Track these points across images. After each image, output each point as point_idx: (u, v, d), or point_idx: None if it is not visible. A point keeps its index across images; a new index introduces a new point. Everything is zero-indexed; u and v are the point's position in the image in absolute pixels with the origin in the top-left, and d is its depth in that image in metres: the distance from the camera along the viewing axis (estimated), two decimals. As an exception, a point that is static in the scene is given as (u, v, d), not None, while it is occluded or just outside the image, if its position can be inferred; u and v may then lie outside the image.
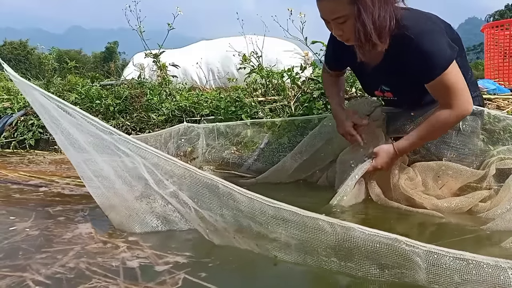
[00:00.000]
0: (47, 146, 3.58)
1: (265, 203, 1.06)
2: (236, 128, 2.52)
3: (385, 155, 1.67)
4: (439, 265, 0.86)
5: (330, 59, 1.97)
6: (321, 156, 2.06)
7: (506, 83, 3.65)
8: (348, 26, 1.52)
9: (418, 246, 0.89)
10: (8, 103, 4.03)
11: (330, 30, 1.65)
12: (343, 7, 1.48)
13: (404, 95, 1.78)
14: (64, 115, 1.25)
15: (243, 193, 1.08)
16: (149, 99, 3.33)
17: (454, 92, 1.55)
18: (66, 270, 1.06)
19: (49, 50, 5.27)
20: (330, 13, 1.53)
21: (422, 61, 1.53)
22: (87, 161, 1.29)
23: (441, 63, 1.52)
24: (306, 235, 1.02)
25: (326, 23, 1.60)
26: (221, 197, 1.12)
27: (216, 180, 1.13)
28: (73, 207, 1.70)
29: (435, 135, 1.69)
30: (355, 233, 0.95)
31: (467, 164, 1.73)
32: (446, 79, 1.53)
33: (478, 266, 0.83)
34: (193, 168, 1.16)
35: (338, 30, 1.56)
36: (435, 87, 1.57)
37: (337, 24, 1.54)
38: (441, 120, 1.59)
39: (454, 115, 1.59)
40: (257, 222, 1.07)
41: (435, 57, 1.52)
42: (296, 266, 1.05)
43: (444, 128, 1.64)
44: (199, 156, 2.48)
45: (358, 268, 0.96)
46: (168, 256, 1.14)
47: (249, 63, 3.20)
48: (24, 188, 2.10)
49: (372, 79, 1.84)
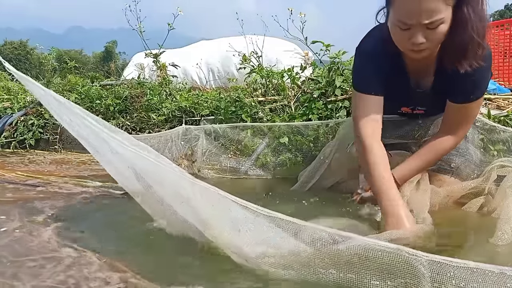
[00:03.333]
0: (47, 146, 3.58)
1: (260, 213, 1.01)
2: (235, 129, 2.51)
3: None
4: (443, 274, 0.84)
5: (373, 78, 1.51)
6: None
7: (506, 83, 3.65)
8: (437, 34, 1.27)
9: (420, 255, 0.86)
10: (8, 103, 4.03)
11: (402, 37, 1.33)
12: (444, 8, 1.24)
13: (434, 110, 1.67)
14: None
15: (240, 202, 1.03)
16: (149, 99, 3.33)
17: (468, 121, 1.53)
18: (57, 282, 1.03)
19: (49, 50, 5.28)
20: (428, 15, 1.23)
21: (473, 84, 1.43)
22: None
23: (483, 91, 1.47)
24: (302, 245, 0.97)
25: (402, 28, 1.29)
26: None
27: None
28: (66, 206, 1.72)
29: (434, 163, 1.65)
30: (356, 242, 0.92)
31: (471, 171, 1.72)
32: (472, 107, 1.48)
33: (483, 274, 0.81)
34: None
35: (421, 37, 1.28)
36: (459, 110, 1.48)
37: (425, 29, 1.26)
38: (442, 148, 1.54)
39: (454, 143, 1.55)
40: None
41: (484, 83, 1.45)
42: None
43: (444, 154, 1.61)
44: (197, 159, 2.47)
45: (359, 280, 0.92)
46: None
47: (249, 63, 3.20)
48: (20, 187, 2.10)
49: (413, 99, 1.63)
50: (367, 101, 1.50)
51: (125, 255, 1.18)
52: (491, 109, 2.35)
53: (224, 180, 2.36)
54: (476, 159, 1.75)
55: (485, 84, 1.47)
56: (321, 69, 2.92)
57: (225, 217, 1.08)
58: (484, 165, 1.74)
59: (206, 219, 1.11)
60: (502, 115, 2.28)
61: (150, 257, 1.21)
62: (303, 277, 0.97)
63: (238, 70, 3.32)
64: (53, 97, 1.34)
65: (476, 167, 1.75)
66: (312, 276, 0.96)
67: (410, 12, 1.25)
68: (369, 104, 1.49)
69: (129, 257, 1.17)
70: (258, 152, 2.41)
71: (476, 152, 1.77)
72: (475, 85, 1.44)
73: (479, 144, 1.81)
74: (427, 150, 1.57)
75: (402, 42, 1.34)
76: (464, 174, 1.72)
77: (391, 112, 1.75)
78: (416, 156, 1.58)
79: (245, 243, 1.03)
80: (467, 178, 1.72)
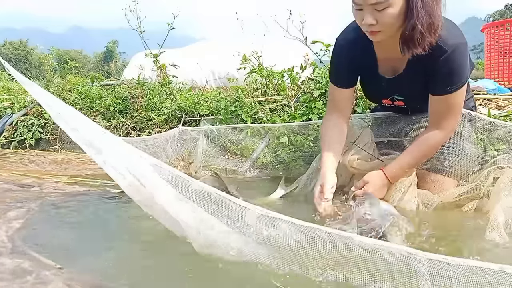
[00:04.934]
0: (47, 146, 3.58)
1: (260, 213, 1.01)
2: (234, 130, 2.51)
3: (376, 182, 1.59)
4: (443, 273, 0.84)
5: (343, 71, 1.68)
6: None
7: (506, 83, 3.65)
8: (386, 16, 1.35)
9: (419, 254, 0.87)
10: (8, 103, 4.03)
11: (357, 19, 1.44)
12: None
13: (416, 103, 1.71)
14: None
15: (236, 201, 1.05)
16: (149, 99, 3.34)
17: (453, 113, 1.54)
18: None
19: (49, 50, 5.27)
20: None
21: (447, 75, 1.47)
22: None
23: (461, 81, 1.48)
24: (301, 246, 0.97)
25: (357, 9, 1.40)
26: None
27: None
28: (59, 206, 1.71)
29: (425, 159, 1.66)
30: (354, 242, 0.92)
31: (466, 169, 1.71)
32: (454, 98, 1.50)
33: (482, 272, 0.81)
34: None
35: (371, 18, 1.36)
36: (440, 102, 1.52)
37: (374, 11, 1.35)
38: (432, 144, 1.57)
39: (443, 137, 1.57)
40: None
41: (459, 74, 1.47)
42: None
43: (434, 151, 1.62)
44: (195, 161, 2.47)
45: (358, 280, 0.92)
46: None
47: (249, 63, 3.20)
48: (12, 187, 2.08)
49: (387, 88, 1.69)
50: (336, 92, 1.70)
51: (84, 273, 1.10)
52: (491, 109, 2.35)
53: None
54: (473, 156, 1.73)
55: (461, 75, 1.47)
56: (321, 69, 2.92)
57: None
58: (482, 161, 1.73)
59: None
60: (502, 115, 2.28)
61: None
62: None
63: (238, 70, 3.31)
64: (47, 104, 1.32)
65: (473, 164, 1.73)
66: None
67: None
68: (338, 95, 1.70)
69: (87, 277, 1.08)
70: (258, 152, 2.40)
71: (473, 149, 1.75)
72: (450, 76, 1.47)
73: (475, 140, 1.78)
74: (416, 146, 1.59)
75: (359, 23, 1.43)
76: (459, 172, 1.71)
77: (378, 107, 1.89)
78: (406, 152, 1.60)
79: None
80: (463, 176, 1.72)
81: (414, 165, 1.62)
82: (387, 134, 1.85)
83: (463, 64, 1.46)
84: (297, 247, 0.97)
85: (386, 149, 1.81)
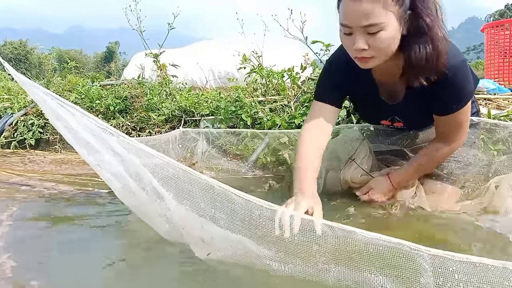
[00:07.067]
0: (47, 146, 3.58)
1: (263, 206, 1.01)
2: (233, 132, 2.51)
3: (381, 188, 1.59)
4: (446, 269, 0.83)
5: (329, 90, 1.54)
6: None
7: (506, 83, 3.65)
8: (379, 40, 1.22)
9: (422, 250, 0.86)
10: (8, 103, 4.03)
11: (346, 44, 1.31)
12: (383, 13, 1.18)
13: (417, 124, 1.68)
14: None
15: (239, 194, 1.05)
16: (149, 99, 3.34)
17: (461, 129, 1.51)
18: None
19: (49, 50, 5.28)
20: (365, 17, 1.19)
21: (452, 96, 1.41)
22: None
23: (467, 98, 1.43)
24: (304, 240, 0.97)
25: (345, 33, 1.27)
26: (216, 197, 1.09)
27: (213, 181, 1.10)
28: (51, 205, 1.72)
29: (432, 169, 1.65)
30: (357, 237, 0.92)
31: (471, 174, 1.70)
32: (460, 116, 1.46)
33: (485, 269, 0.80)
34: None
35: (362, 42, 1.23)
36: (446, 120, 1.47)
37: (365, 35, 1.22)
38: (439, 155, 1.56)
39: (451, 150, 1.56)
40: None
41: (464, 92, 1.41)
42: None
43: (440, 161, 1.62)
44: (198, 162, 2.47)
45: (359, 275, 0.91)
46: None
47: (249, 62, 3.21)
48: (4, 186, 2.08)
49: (387, 111, 1.61)
50: (318, 109, 1.52)
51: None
52: (491, 109, 2.35)
53: (224, 180, 2.35)
54: (476, 161, 1.72)
55: (465, 93, 1.42)
56: (321, 69, 2.91)
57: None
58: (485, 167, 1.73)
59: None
60: (502, 115, 2.28)
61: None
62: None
63: (238, 70, 3.32)
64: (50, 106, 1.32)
65: (477, 169, 1.72)
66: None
67: (348, 13, 1.22)
68: (320, 112, 1.50)
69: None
70: (258, 152, 2.41)
71: (477, 153, 1.73)
72: (454, 96, 1.41)
73: (479, 144, 1.77)
74: (422, 156, 1.58)
75: (349, 49, 1.31)
76: (461, 179, 1.69)
77: (371, 123, 1.84)
78: (412, 161, 1.61)
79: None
80: (466, 182, 1.71)
81: (419, 175, 1.62)
82: (386, 141, 1.83)
83: (466, 81, 1.41)
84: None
85: (386, 155, 1.81)
